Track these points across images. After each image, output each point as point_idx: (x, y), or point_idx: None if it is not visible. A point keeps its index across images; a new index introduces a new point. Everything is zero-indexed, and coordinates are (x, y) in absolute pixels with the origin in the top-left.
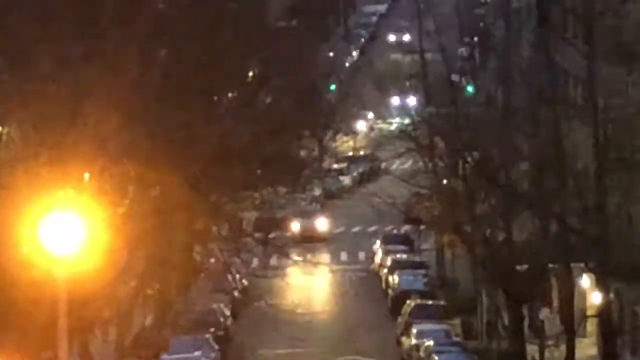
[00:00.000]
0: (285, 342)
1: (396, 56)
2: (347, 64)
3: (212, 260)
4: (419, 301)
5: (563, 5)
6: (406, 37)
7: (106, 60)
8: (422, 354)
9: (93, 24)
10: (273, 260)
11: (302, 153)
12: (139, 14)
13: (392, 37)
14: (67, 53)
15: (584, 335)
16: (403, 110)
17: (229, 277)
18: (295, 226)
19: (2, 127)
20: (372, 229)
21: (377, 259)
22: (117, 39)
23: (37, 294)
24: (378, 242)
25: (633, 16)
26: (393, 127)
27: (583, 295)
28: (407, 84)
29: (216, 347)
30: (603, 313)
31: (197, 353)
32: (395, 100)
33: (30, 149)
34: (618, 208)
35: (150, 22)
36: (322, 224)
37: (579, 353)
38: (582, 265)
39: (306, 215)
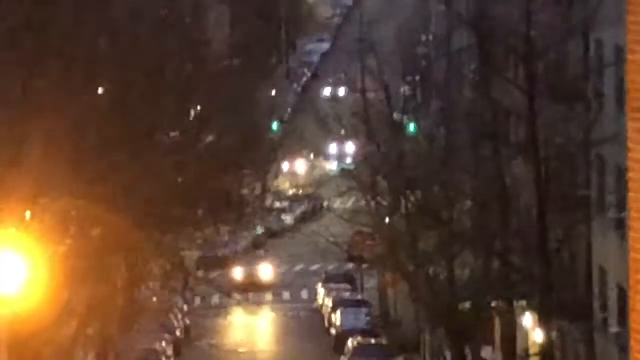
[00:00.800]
0: None
1: (338, 94)
2: (289, 103)
3: (154, 299)
4: (361, 340)
5: (504, 44)
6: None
7: (46, 99)
8: None
9: (32, 63)
10: (215, 299)
11: (245, 192)
12: (79, 52)
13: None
14: (5, 93)
15: None
16: (341, 156)
17: (171, 316)
18: (237, 273)
19: None
20: (315, 267)
21: (320, 297)
22: (57, 77)
23: None
24: (321, 281)
25: (574, 54)
26: (334, 166)
27: (526, 333)
28: (342, 131)
29: None
30: (546, 352)
31: None
32: (332, 148)
33: None
34: (560, 246)
35: (90, 60)
36: (266, 271)
37: None
38: (524, 303)
39: (249, 261)
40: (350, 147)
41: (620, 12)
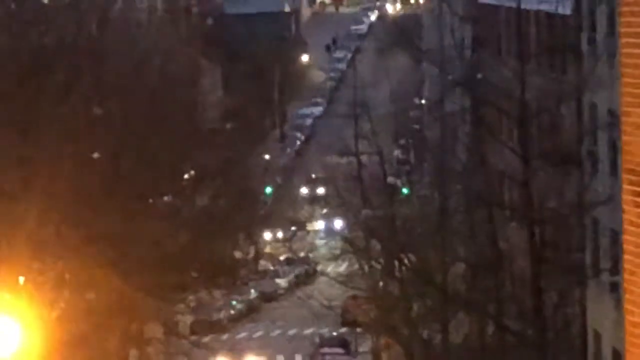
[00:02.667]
0: None
1: (332, 158)
2: (282, 166)
3: None
4: None
5: (498, 107)
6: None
7: (40, 164)
8: None
9: (27, 128)
10: None
11: (238, 255)
12: (73, 117)
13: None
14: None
15: None
16: (329, 233)
17: None
18: None
19: None
20: (309, 331)
21: None
22: (51, 142)
23: None
24: (315, 344)
25: (567, 117)
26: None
27: None
28: (323, 211)
29: None
30: None
31: None
32: (320, 224)
33: None
34: (554, 309)
35: (84, 124)
36: None
37: None
38: None
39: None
40: (339, 224)
41: (612, 76)
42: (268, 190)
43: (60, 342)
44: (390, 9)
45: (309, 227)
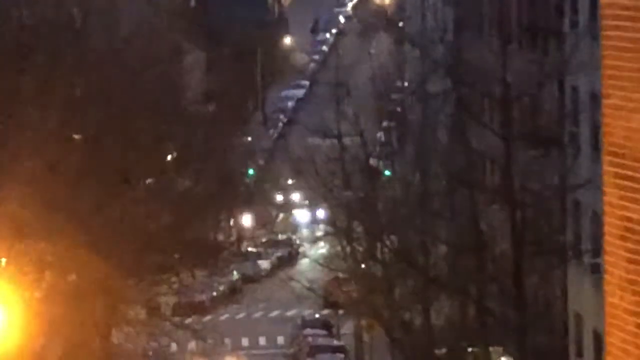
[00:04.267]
0: None
1: (314, 140)
2: (265, 149)
3: (130, 344)
4: None
5: (479, 89)
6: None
7: (22, 145)
8: None
9: (7, 109)
10: (192, 345)
11: (220, 237)
12: (54, 98)
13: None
14: None
15: None
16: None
17: None
18: None
19: None
20: (291, 313)
21: (296, 343)
22: (34, 122)
23: None
24: (297, 326)
25: (549, 100)
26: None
27: None
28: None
29: None
30: None
31: None
32: (304, 215)
33: None
34: (535, 291)
35: (65, 105)
36: None
37: None
38: (500, 349)
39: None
40: (321, 213)
41: (594, 59)
42: (250, 171)
43: (42, 323)
44: None
45: (294, 213)
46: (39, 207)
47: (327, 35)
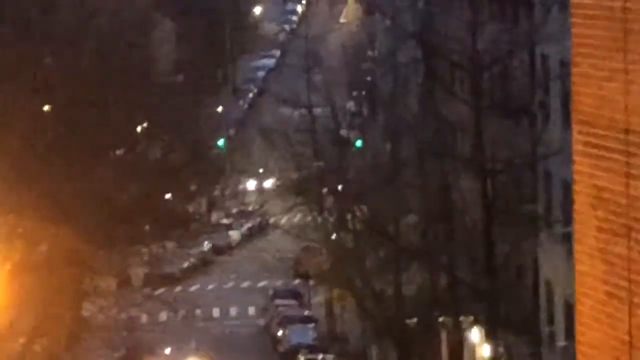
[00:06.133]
0: None
1: (285, 111)
2: (235, 119)
3: (101, 315)
4: (308, 356)
5: (450, 58)
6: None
7: None
8: None
9: None
10: (162, 316)
11: (190, 208)
12: (24, 69)
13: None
14: None
15: None
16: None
17: (117, 333)
18: None
19: None
20: (262, 284)
21: (267, 314)
22: (3, 95)
23: None
24: (268, 296)
25: (519, 68)
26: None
27: (472, 348)
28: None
29: None
30: None
31: None
32: (254, 186)
33: None
34: (506, 260)
35: (35, 77)
36: None
37: None
38: (471, 318)
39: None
40: (272, 185)
41: (564, 27)
42: (220, 142)
43: (13, 295)
44: None
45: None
46: (8, 179)
47: (297, 5)
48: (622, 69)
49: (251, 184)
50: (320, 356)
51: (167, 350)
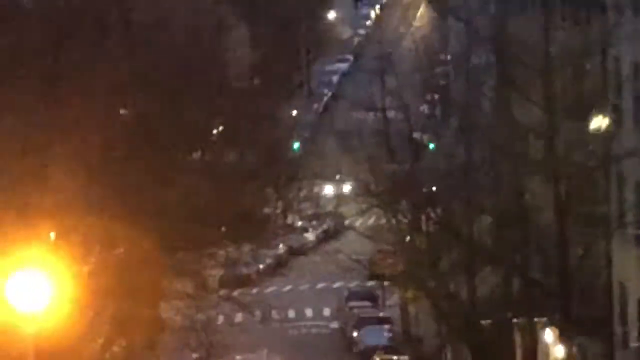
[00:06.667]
0: None
1: (359, 114)
2: (310, 122)
3: (178, 317)
4: (383, 357)
5: (522, 61)
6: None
7: (70, 121)
8: None
9: (55, 86)
10: (238, 317)
11: (266, 210)
12: (101, 74)
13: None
14: (30, 116)
15: None
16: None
17: (194, 333)
18: None
19: None
20: (337, 285)
21: (342, 315)
22: (80, 100)
23: (5, 351)
24: (342, 298)
25: (592, 70)
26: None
27: (546, 349)
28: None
29: None
30: None
31: None
32: (329, 189)
33: None
34: (580, 262)
35: (112, 82)
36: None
37: None
38: (545, 319)
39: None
40: (347, 188)
41: (637, 29)
42: (296, 145)
43: (91, 296)
44: None
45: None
46: (87, 183)
47: (371, 9)
48: None
49: (326, 187)
50: (395, 357)
51: (238, 357)
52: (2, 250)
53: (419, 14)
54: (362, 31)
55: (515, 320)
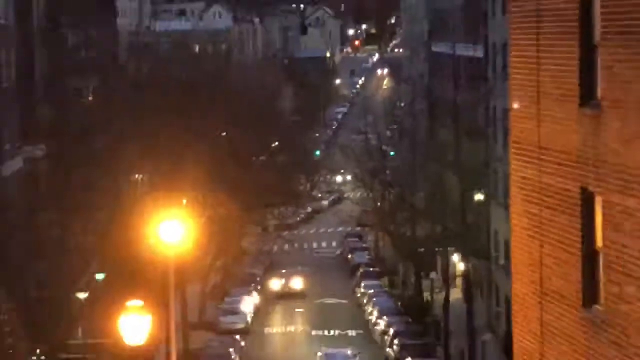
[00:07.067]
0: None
1: (353, 136)
2: (324, 141)
3: (252, 247)
4: (364, 269)
5: (442, 106)
6: (358, 125)
7: (204, 143)
8: (366, 298)
9: (186, 117)
10: (286, 247)
11: (301, 188)
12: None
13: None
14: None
15: (454, 286)
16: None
17: (261, 256)
18: (275, 284)
19: (140, 175)
20: (339, 229)
21: (342, 246)
22: (205, 130)
23: (154, 264)
24: (343, 236)
25: (480, 112)
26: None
27: (454, 265)
28: (342, 171)
29: (256, 293)
30: (465, 275)
31: (246, 296)
32: (337, 178)
33: (153, 186)
34: (474, 218)
35: (220, 123)
36: (297, 283)
37: (452, 296)
38: (454, 249)
39: (285, 275)
40: (347, 177)
41: (504, 88)
42: (317, 152)
43: (205, 234)
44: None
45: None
46: (201, 174)
47: (359, 78)
48: None
49: (334, 176)
50: (371, 269)
51: (284, 270)
52: (157, 209)
53: (385, 81)
54: (354, 90)
55: (437, 249)
